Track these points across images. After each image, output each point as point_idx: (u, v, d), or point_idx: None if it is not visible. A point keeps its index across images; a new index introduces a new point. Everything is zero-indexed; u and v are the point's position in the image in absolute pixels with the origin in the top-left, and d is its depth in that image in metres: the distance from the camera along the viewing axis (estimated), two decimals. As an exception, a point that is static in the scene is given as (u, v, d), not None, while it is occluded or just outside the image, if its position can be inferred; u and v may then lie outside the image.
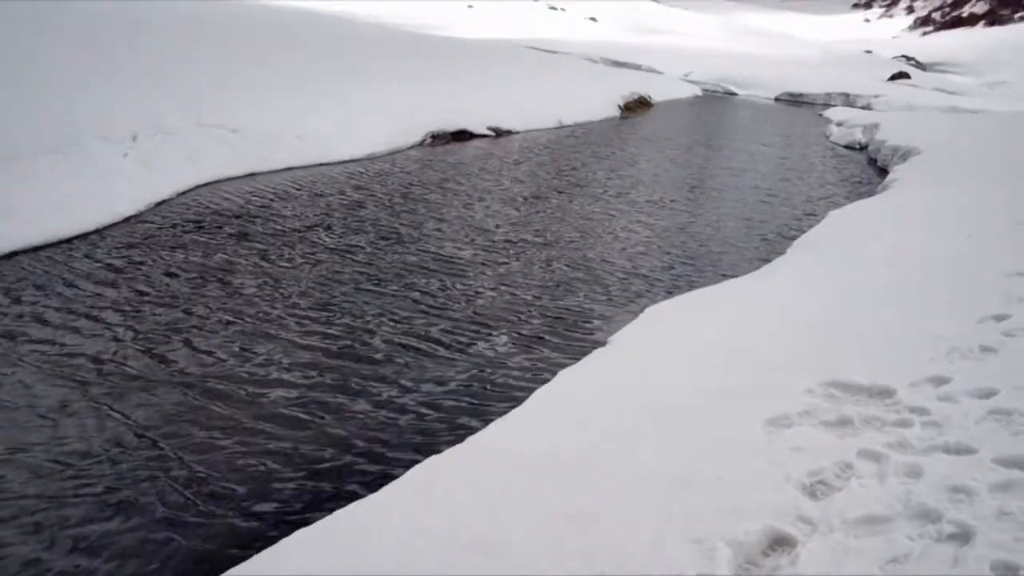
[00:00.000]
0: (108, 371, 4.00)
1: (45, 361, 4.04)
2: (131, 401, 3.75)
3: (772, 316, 4.57)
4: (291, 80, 10.79)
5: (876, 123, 17.10)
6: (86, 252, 5.62)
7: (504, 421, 3.43)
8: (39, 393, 3.75)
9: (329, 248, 6.18)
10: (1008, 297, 4.34)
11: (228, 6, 18.83)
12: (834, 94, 30.47)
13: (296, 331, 4.62)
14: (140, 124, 7.82)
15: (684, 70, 32.69)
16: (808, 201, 10.24)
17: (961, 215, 7.25)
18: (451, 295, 5.46)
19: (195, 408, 3.75)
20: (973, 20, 67.17)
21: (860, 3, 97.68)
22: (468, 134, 12.01)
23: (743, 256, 7.26)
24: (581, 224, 7.81)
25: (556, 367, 4.26)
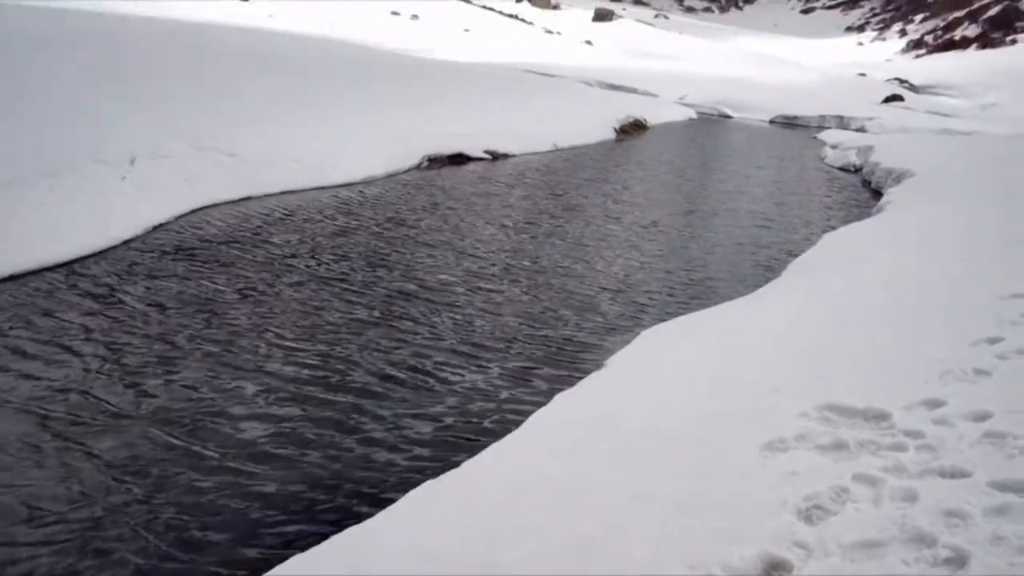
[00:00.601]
0: (83, 406, 3.85)
1: (16, 395, 3.89)
2: (105, 439, 3.59)
3: (767, 339, 4.59)
4: (289, 104, 10.84)
5: (870, 145, 17.23)
6: (78, 278, 5.59)
7: (501, 445, 3.44)
8: (5, 430, 3.57)
9: (321, 276, 6.14)
10: (1001, 320, 4.36)
11: (227, 31, 18.98)
12: (828, 117, 30.69)
13: (283, 363, 4.51)
14: (138, 148, 7.84)
15: (679, 93, 32.89)
16: (803, 223, 10.29)
17: (955, 237, 7.30)
18: (445, 321, 5.45)
19: (173, 446, 3.60)
20: (965, 43, 67.79)
21: (853, 27, 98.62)
22: (465, 157, 12.06)
23: (738, 279, 7.29)
24: (575, 248, 7.83)
25: (552, 391, 4.26)
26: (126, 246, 6.39)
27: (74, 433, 3.62)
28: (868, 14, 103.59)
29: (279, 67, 13.42)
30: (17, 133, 7.19)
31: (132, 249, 6.34)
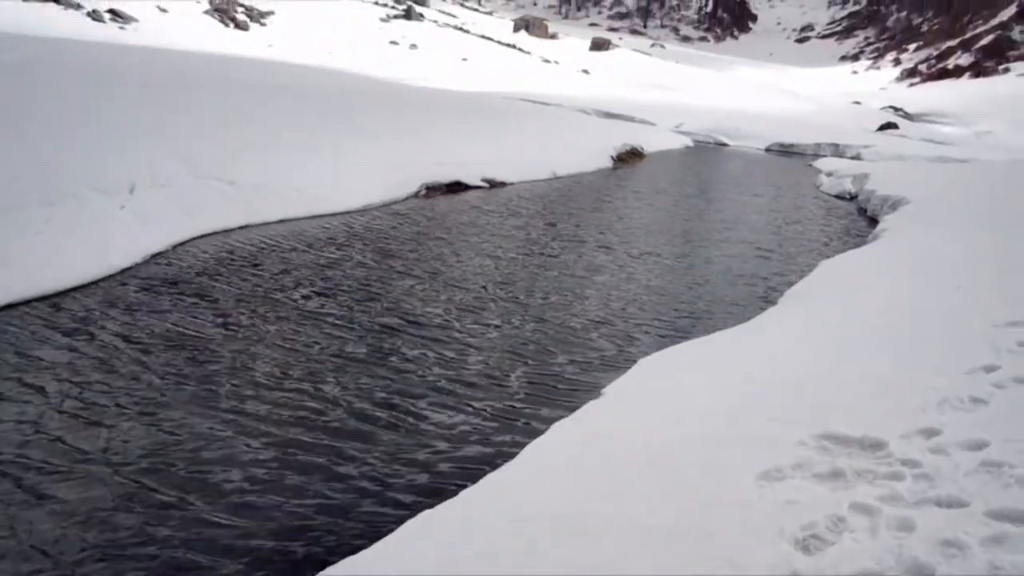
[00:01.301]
0: (49, 448, 3.70)
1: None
2: (65, 487, 3.40)
3: (764, 367, 4.59)
4: (287, 133, 10.91)
5: (866, 173, 17.32)
6: (70, 308, 5.59)
7: (498, 474, 3.43)
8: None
9: (312, 309, 6.08)
10: (997, 348, 4.37)
11: (226, 60, 19.14)
12: (824, 144, 30.90)
13: (267, 403, 4.36)
14: (137, 176, 7.88)
15: (676, 122, 33.13)
16: (799, 251, 10.33)
17: (950, 264, 7.32)
18: (439, 351, 5.44)
19: (135, 495, 3.40)
20: (958, 72, 68.42)
21: (848, 56, 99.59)
22: (462, 185, 12.13)
23: (735, 307, 7.30)
24: (571, 278, 7.84)
25: (549, 419, 4.26)
26: (123, 275, 6.41)
27: (30, 479, 3.45)
28: (862, 43, 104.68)
29: (278, 96, 13.53)
30: (17, 161, 7.22)
31: (129, 278, 6.35)
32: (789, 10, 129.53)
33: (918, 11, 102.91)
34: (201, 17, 34.81)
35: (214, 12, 35.86)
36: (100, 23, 26.87)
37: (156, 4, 33.50)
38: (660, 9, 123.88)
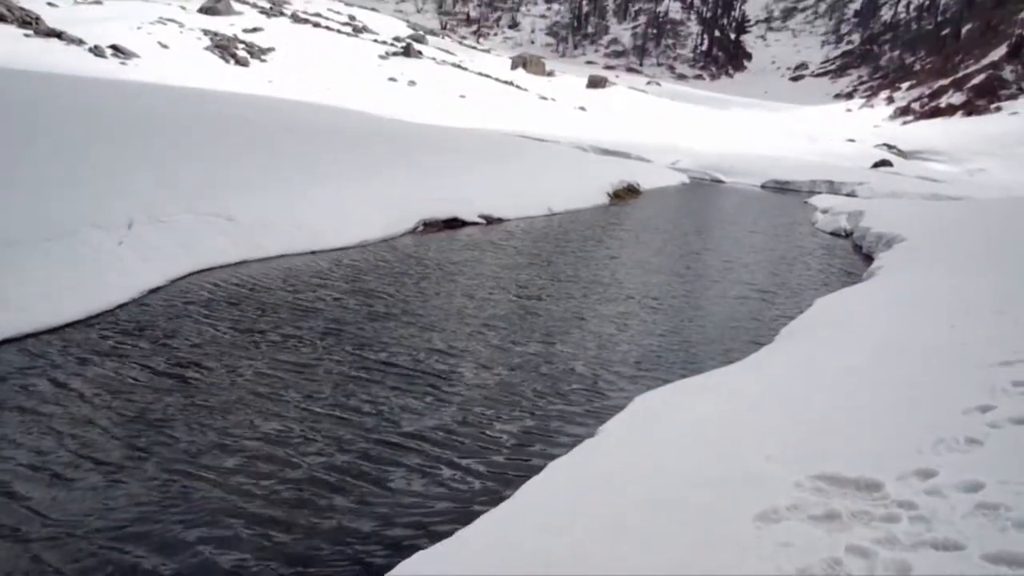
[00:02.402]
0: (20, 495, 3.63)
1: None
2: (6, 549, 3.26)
3: (759, 406, 4.59)
4: (287, 169, 10.99)
5: (861, 210, 17.45)
6: (67, 343, 5.59)
7: (494, 514, 3.41)
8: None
9: (307, 345, 6.07)
10: (992, 388, 4.38)
11: (226, 97, 19.31)
12: (819, 181, 31.16)
13: (258, 445, 4.29)
14: (136, 212, 7.92)
15: (672, 159, 33.40)
16: (795, 288, 10.37)
17: (945, 302, 7.35)
18: (431, 389, 5.44)
19: (100, 559, 3.26)
20: (951, 110, 69.14)
21: (842, 94, 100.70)
22: (460, 222, 12.19)
23: (731, 344, 7.32)
24: (566, 315, 7.86)
25: (545, 458, 4.25)
26: (120, 310, 6.41)
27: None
28: (856, 82, 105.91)
29: (277, 132, 13.64)
30: (16, 197, 7.27)
31: (125, 314, 6.36)
32: (783, 49, 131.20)
33: (910, 50, 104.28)
34: (202, 53, 35.17)
35: (215, 48, 36.24)
36: (102, 59, 27.12)
37: (158, 40, 33.86)
38: (656, 47, 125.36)
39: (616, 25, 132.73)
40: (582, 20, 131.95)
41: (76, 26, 29.90)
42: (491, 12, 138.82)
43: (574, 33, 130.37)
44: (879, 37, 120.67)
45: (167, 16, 39.99)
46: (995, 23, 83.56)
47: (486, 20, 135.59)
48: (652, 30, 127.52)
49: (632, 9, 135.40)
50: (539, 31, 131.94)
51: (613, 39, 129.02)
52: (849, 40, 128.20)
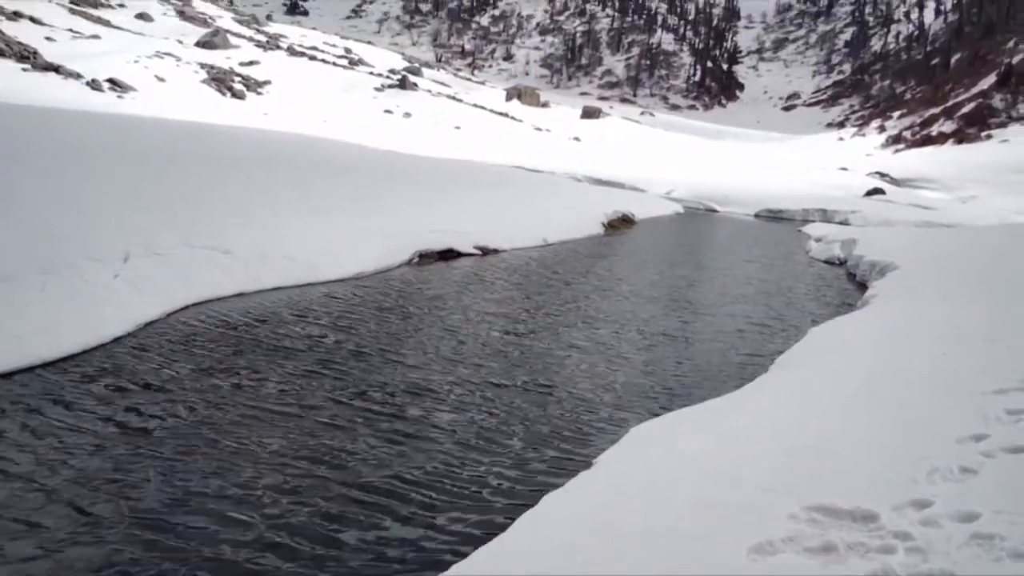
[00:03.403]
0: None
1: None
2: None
3: (755, 436, 4.60)
4: (282, 201, 11.04)
5: (854, 239, 17.54)
6: (62, 378, 5.57)
7: (491, 546, 3.41)
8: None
9: (293, 385, 5.93)
10: (986, 416, 4.40)
11: (222, 129, 19.45)
12: (812, 210, 31.34)
13: (247, 488, 4.20)
14: (132, 245, 7.94)
15: (666, 188, 33.60)
16: (789, 317, 10.40)
17: (939, 331, 7.39)
18: (422, 425, 5.39)
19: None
20: (942, 139, 69.74)
21: (834, 123, 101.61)
22: (455, 253, 12.23)
23: (726, 374, 7.32)
24: (560, 346, 7.86)
25: (540, 491, 4.23)
26: (116, 344, 6.41)
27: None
28: (847, 111, 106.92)
29: (274, 165, 13.72)
30: (12, 230, 7.29)
31: (120, 347, 6.34)
32: (775, 79, 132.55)
33: (901, 80, 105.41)
34: (199, 86, 35.43)
35: (211, 81, 36.51)
36: (99, 92, 27.31)
37: (155, 73, 34.12)
38: (649, 78, 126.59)
39: (610, 57, 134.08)
40: (576, 52, 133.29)
41: (74, 60, 30.13)
42: (486, 44, 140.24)
43: (568, 65, 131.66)
44: (870, 67, 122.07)
45: (164, 50, 40.31)
46: (983, 53, 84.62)
47: (481, 52, 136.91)
48: (645, 61, 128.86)
49: (625, 41, 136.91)
50: (533, 63, 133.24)
51: (607, 70, 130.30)
52: (840, 70, 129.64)
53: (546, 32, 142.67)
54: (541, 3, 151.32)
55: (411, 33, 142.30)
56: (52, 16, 41.25)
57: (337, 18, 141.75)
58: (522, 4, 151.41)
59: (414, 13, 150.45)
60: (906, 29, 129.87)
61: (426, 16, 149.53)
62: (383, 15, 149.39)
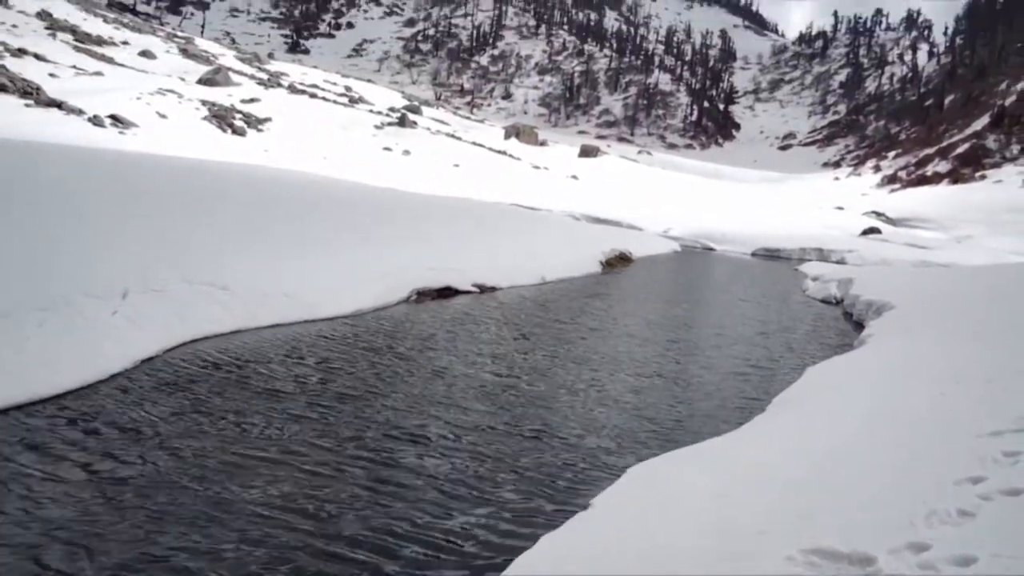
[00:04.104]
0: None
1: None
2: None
3: (752, 477, 4.59)
4: (281, 238, 11.09)
5: (850, 278, 17.62)
6: (56, 415, 5.55)
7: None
8: None
9: (281, 428, 5.77)
10: (983, 458, 4.40)
11: (222, 166, 19.57)
12: (809, 249, 31.51)
13: (222, 542, 4.06)
14: (131, 282, 7.96)
15: (663, 227, 33.77)
16: (787, 356, 10.41)
17: (935, 371, 7.40)
18: (416, 464, 5.34)
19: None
20: (937, 178, 70.32)
21: (830, 163, 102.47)
22: (453, 291, 12.26)
23: (723, 414, 7.31)
24: (556, 384, 7.85)
25: (537, 532, 4.22)
26: (112, 380, 6.39)
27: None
28: (843, 151, 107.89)
29: (273, 201, 13.79)
30: (11, 266, 7.31)
31: (116, 384, 6.32)
32: (771, 119, 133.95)
33: (895, 120, 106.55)
34: (200, 123, 35.68)
35: (212, 118, 36.79)
36: (100, 128, 27.48)
37: (156, 110, 34.38)
38: (647, 118, 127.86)
39: (607, 96, 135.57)
40: (574, 91, 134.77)
41: (77, 96, 30.39)
42: (485, 83, 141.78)
43: (566, 104, 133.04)
44: (864, 108, 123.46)
45: (167, 87, 40.67)
46: (976, 94, 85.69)
47: (480, 91, 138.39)
48: (643, 101, 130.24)
49: (623, 81, 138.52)
50: (532, 102, 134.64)
51: (604, 109, 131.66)
52: (835, 110, 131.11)
53: (544, 72, 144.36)
54: (540, 43, 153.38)
55: (411, 72, 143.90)
56: (56, 53, 41.66)
57: (338, 57, 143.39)
58: (521, 44, 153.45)
59: (414, 52, 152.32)
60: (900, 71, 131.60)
61: (426, 55, 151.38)
62: (383, 54, 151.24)
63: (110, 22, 67.75)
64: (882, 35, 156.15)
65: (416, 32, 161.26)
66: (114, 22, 69.11)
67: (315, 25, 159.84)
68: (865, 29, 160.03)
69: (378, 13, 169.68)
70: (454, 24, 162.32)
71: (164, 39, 70.20)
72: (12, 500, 4.26)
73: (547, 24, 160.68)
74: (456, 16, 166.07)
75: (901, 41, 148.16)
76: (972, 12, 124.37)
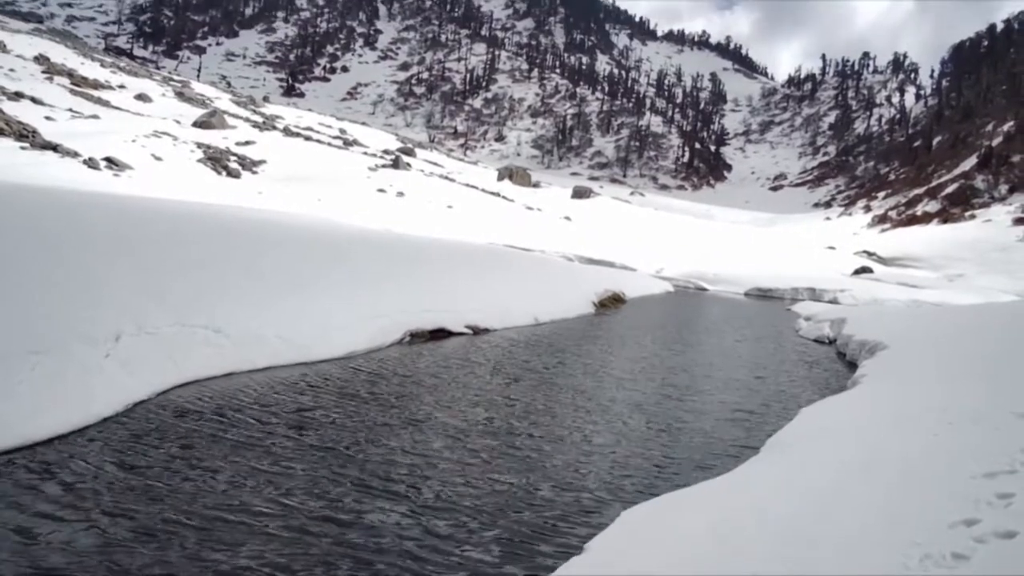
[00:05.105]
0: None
1: None
2: None
3: (745, 521, 4.57)
4: (274, 280, 11.09)
5: (843, 318, 17.69)
6: (44, 461, 5.50)
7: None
8: None
9: (265, 477, 5.64)
10: (977, 501, 4.39)
11: (215, 208, 19.64)
12: (801, 288, 31.63)
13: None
14: (123, 325, 7.94)
15: (656, 267, 33.91)
16: (780, 397, 10.41)
17: (928, 412, 7.39)
18: (392, 529, 5.11)
19: None
20: (927, 218, 71.02)
21: (821, 203, 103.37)
22: (446, 332, 12.26)
23: (717, 456, 7.29)
24: (548, 429, 7.78)
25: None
26: (102, 425, 6.36)
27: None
28: (833, 191, 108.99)
29: (267, 244, 13.82)
30: (4, 309, 7.30)
31: (105, 429, 6.27)
32: (762, 160, 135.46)
33: (885, 161, 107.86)
34: (195, 165, 35.89)
35: (207, 161, 37.01)
36: (96, 170, 27.62)
37: (151, 152, 34.58)
38: (639, 159, 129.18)
39: (600, 138, 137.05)
40: (567, 133, 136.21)
41: (73, 139, 30.58)
42: (478, 126, 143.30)
43: (559, 146, 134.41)
44: (854, 148, 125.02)
45: (162, 130, 40.98)
46: (964, 135, 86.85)
47: (473, 133, 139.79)
48: (635, 143, 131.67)
49: (615, 123, 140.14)
50: (525, 144, 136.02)
51: (597, 151, 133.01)
52: (825, 151, 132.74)
53: (537, 114, 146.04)
54: (532, 87, 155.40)
55: (405, 115, 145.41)
56: (53, 97, 42.04)
57: (333, 100, 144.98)
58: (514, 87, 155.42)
59: (408, 95, 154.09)
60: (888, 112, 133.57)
61: (420, 98, 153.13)
62: (378, 97, 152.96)
63: (107, 66, 68.51)
64: (870, 78, 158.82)
65: (410, 76, 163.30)
66: (111, 66, 69.88)
67: (310, 69, 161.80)
68: (853, 72, 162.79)
69: (372, 57, 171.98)
70: (448, 68, 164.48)
71: (160, 83, 70.92)
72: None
73: (540, 68, 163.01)
74: (450, 60, 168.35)
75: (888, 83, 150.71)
76: (957, 55, 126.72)
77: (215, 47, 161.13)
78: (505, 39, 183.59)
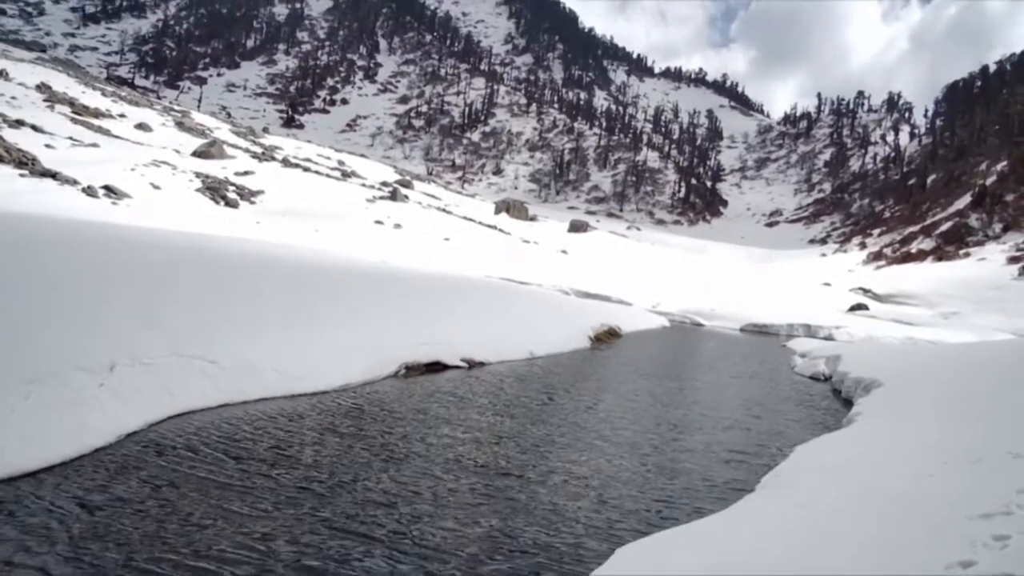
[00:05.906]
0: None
1: None
2: None
3: (740, 561, 4.55)
4: (270, 311, 11.10)
5: (838, 355, 17.67)
6: (33, 493, 5.45)
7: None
8: None
9: (246, 518, 5.50)
10: (973, 541, 4.37)
11: (212, 239, 19.68)
12: (796, 325, 31.64)
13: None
14: (119, 354, 7.93)
15: (652, 302, 33.94)
16: (775, 435, 10.37)
17: (924, 451, 7.38)
18: (398, 553, 5.19)
19: None
20: (922, 256, 71.34)
21: (816, 239, 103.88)
22: (441, 365, 12.24)
23: (712, 492, 7.25)
24: (543, 464, 7.72)
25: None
26: (94, 456, 6.32)
27: None
28: (829, 228, 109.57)
29: (263, 275, 13.83)
30: (0, 337, 7.28)
31: (96, 460, 6.22)
32: (758, 196, 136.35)
33: (880, 199, 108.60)
34: (193, 195, 35.99)
35: (206, 190, 37.13)
36: (94, 198, 27.68)
37: (150, 181, 34.68)
38: (635, 194, 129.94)
39: (597, 172, 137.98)
40: (564, 168, 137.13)
41: (72, 167, 30.68)
42: (476, 159, 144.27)
43: (556, 180, 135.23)
44: (849, 186, 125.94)
45: (161, 159, 41.16)
46: (958, 174, 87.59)
47: (471, 167, 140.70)
48: (631, 178, 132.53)
49: (612, 158, 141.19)
50: (522, 177, 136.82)
51: (594, 186, 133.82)
52: (820, 188, 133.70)
53: (535, 148, 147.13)
54: (531, 121, 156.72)
55: (403, 147, 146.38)
56: (54, 125, 42.27)
57: (332, 131, 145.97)
58: (512, 122, 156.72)
59: (407, 128, 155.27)
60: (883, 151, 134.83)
61: (418, 131, 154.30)
62: (377, 129, 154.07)
63: (108, 95, 69.00)
64: (864, 116, 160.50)
65: (409, 109, 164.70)
66: (112, 95, 70.37)
67: (310, 101, 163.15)
68: (848, 110, 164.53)
69: (372, 90, 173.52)
70: (447, 101, 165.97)
71: (161, 112, 71.38)
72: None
73: (538, 103, 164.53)
74: (449, 94, 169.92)
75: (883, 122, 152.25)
76: (951, 95, 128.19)
77: (216, 78, 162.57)
78: (504, 74, 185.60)
